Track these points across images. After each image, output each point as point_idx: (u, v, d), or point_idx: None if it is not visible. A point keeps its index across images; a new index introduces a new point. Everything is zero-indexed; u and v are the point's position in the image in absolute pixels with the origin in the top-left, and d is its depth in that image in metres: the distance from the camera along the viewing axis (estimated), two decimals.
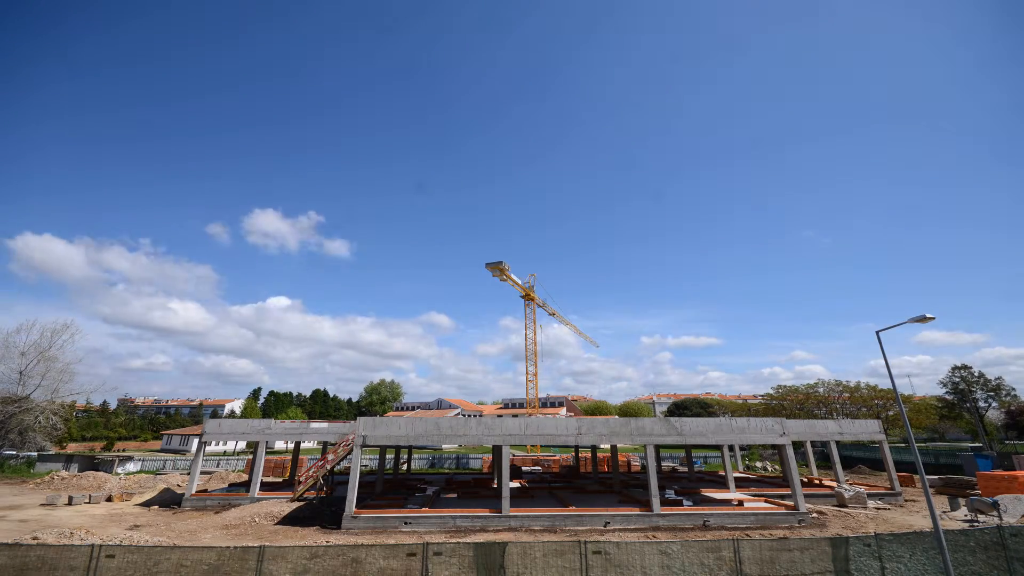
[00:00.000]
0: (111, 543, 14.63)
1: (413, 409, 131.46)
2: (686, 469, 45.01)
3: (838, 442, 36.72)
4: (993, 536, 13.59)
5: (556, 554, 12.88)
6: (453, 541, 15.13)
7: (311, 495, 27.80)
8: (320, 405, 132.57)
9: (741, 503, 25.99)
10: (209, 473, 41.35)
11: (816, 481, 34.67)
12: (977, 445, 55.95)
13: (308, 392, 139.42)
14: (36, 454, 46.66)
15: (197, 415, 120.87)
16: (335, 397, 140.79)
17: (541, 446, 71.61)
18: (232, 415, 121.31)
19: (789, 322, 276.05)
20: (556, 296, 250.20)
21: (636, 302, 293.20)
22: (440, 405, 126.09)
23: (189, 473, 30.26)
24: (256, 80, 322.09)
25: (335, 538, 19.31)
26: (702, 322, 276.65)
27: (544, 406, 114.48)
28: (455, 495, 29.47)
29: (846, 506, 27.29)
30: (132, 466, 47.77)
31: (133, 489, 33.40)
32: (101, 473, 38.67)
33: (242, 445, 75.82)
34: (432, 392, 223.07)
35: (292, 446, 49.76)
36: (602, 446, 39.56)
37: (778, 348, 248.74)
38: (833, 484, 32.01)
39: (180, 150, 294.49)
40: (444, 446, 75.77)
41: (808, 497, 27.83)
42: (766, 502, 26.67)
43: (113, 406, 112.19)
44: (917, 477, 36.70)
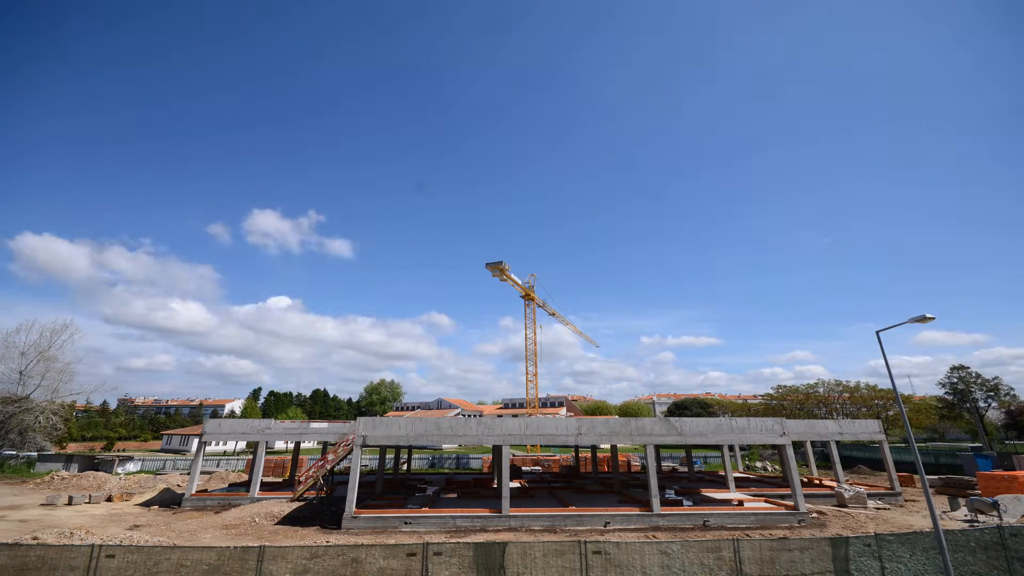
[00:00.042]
0: (111, 543, 14.63)
1: (413, 409, 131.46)
2: (686, 469, 45.02)
3: (838, 442, 36.72)
4: (993, 536, 13.60)
5: (556, 554, 12.88)
6: (453, 541, 15.14)
7: (311, 495, 27.81)
8: (320, 405, 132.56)
9: (741, 503, 25.99)
10: (209, 473, 41.35)
11: (816, 481, 34.68)
12: (977, 445, 55.97)
13: (308, 392, 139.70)
14: (36, 454, 46.68)
15: (197, 415, 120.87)
16: (335, 397, 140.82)
17: (541, 446, 71.63)
18: (232, 415, 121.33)
19: (789, 322, 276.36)
20: (556, 296, 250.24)
21: (636, 302, 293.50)
22: (440, 405, 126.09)
23: (189, 473, 30.27)
24: (256, 80, 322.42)
25: (335, 538, 19.31)
26: (702, 322, 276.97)
27: (544, 406, 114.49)
28: (455, 495, 29.47)
29: (846, 506, 27.29)
30: (132, 466, 47.79)
31: (133, 489, 33.41)
32: (101, 473, 38.67)
33: (242, 445, 75.83)
34: (432, 392, 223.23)
35: (292, 446, 49.77)
36: (602, 446, 39.57)
37: (778, 348, 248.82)
38: (833, 484, 32.01)
39: (180, 150, 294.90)
40: (444, 446, 75.78)
41: (808, 497, 27.83)
42: (766, 502, 26.67)
43: (113, 406, 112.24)
44: (917, 477, 36.70)
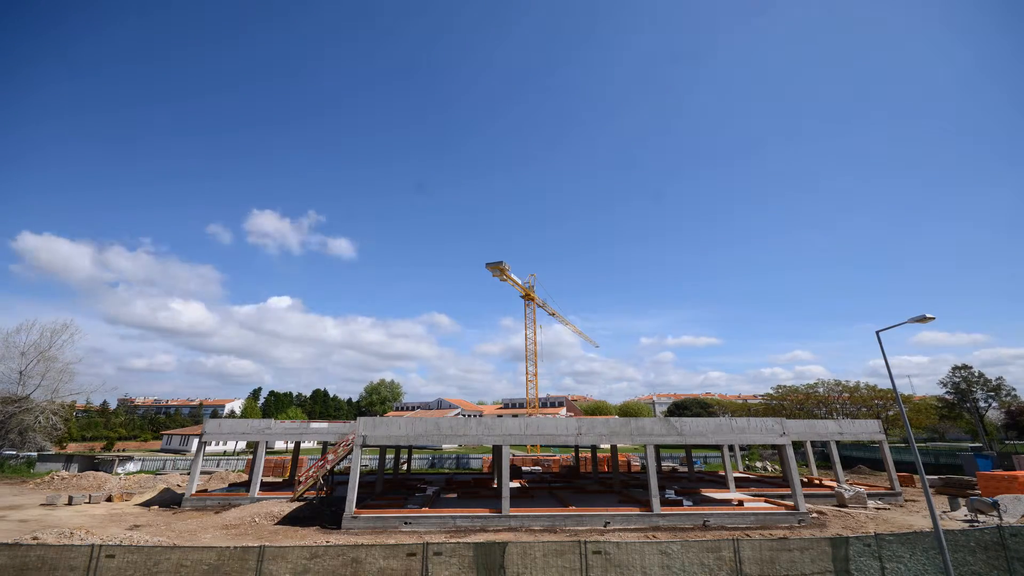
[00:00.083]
0: (111, 543, 14.63)
1: (413, 409, 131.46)
2: (686, 469, 45.01)
3: (838, 442, 36.72)
4: (993, 536, 13.60)
5: (556, 554, 12.88)
6: (453, 541, 15.13)
7: (311, 495, 27.81)
8: (320, 405, 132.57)
9: (741, 503, 25.99)
10: (209, 473, 41.35)
11: (816, 481, 34.67)
12: (977, 445, 55.95)
13: (308, 392, 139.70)
14: (36, 454, 46.68)
15: (197, 415, 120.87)
16: (335, 397, 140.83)
17: (541, 446, 71.62)
18: (232, 415, 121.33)
19: (789, 322, 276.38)
20: (556, 296, 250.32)
21: (636, 302, 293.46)
22: (440, 405, 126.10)
23: (189, 473, 30.27)
24: (256, 80, 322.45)
25: (335, 538, 19.31)
26: (702, 322, 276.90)
27: (544, 406, 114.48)
28: (455, 495, 29.47)
29: (846, 506, 27.29)
30: (132, 466, 47.79)
31: (133, 489, 33.41)
32: (101, 473, 38.67)
33: (242, 445, 75.83)
34: (432, 392, 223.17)
35: (292, 446, 49.76)
36: (602, 446, 39.57)
37: (778, 348, 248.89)
38: (833, 484, 32.01)
39: (180, 150, 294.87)
40: (444, 446, 75.78)
41: (808, 497, 27.82)
42: (766, 502, 26.67)
43: (113, 406, 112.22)
44: (917, 477, 36.70)
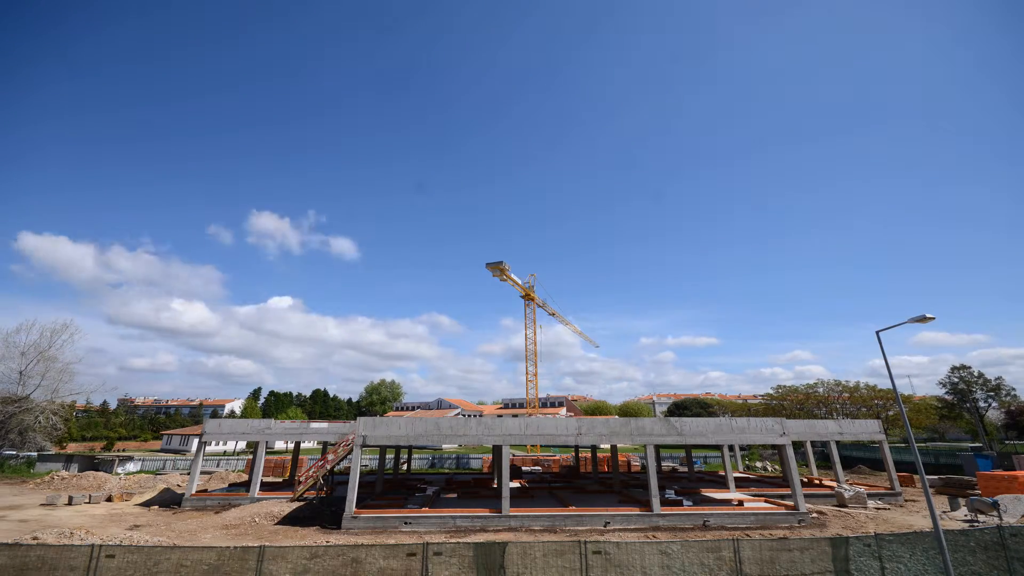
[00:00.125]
0: (111, 543, 14.63)
1: (413, 409, 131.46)
2: (686, 469, 45.01)
3: (838, 442, 36.73)
4: (993, 536, 13.59)
5: (556, 554, 12.88)
6: (453, 541, 15.13)
7: (311, 495, 27.80)
8: (320, 405, 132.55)
9: (741, 503, 25.99)
10: (209, 473, 41.35)
11: (816, 481, 34.67)
12: (977, 445, 55.94)
13: (309, 392, 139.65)
14: (36, 454, 46.67)
15: (197, 415, 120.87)
16: (335, 397, 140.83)
17: (541, 446, 71.62)
18: (232, 415, 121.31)
19: (789, 322, 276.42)
20: (556, 296, 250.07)
21: (636, 302, 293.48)
22: (440, 405, 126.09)
23: (189, 473, 30.26)
24: (256, 80, 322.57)
25: (335, 538, 19.31)
26: (702, 322, 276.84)
27: (544, 406, 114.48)
28: (455, 495, 29.47)
29: (846, 506, 27.29)
30: (132, 466, 47.78)
31: (133, 489, 33.41)
32: (101, 473, 38.67)
33: (242, 445, 75.82)
34: (432, 392, 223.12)
35: (292, 446, 49.76)
36: (602, 446, 39.57)
37: (778, 348, 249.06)
38: (833, 484, 32.00)
39: (180, 150, 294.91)
40: (444, 446, 75.78)
41: (808, 497, 27.82)
42: (766, 502, 26.67)
43: (113, 406, 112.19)
44: (917, 477, 36.70)
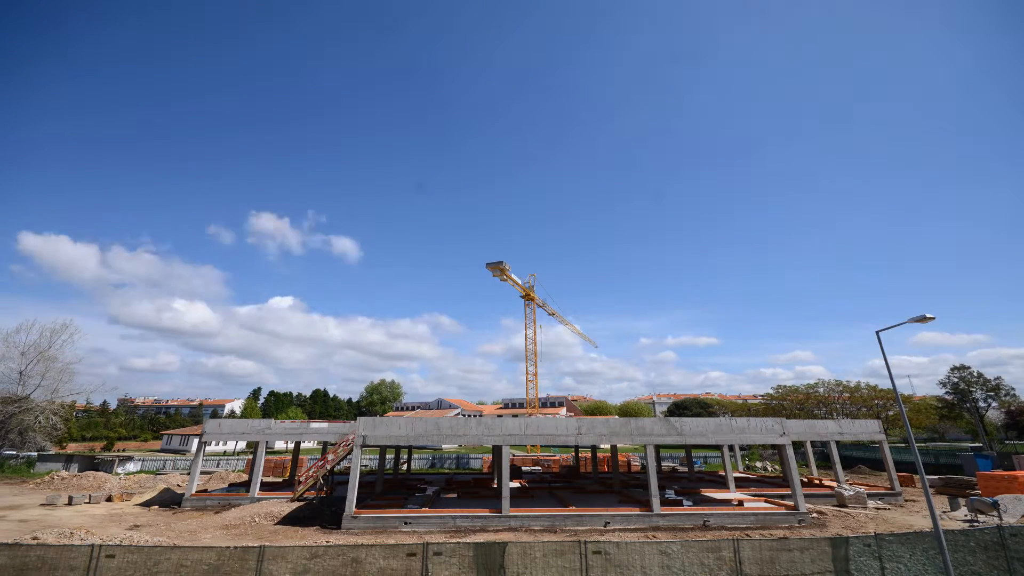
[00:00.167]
0: (111, 543, 14.62)
1: (413, 409, 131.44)
2: (686, 469, 45.01)
3: (838, 442, 36.71)
4: (993, 536, 13.59)
5: (556, 554, 12.88)
6: (453, 541, 15.13)
7: (311, 495, 27.80)
8: (320, 405, 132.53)
9: (741, 503, 25.99)
10: (209, 473, 41.34)
11: (816, 481, 34.67)
12: (977, 445, 55.93)
13: (309, 392, 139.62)
14: (36, 454, 46.67)
15: (197, 415, 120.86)
16: (335, 397, 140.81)
17: (541, 446, 71.62)
18: (232, 415, 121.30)
19: (789, 322, 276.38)
20: (556, 296, 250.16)
21: (636, 302, 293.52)
22: (440, 405, 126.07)
23: (189, 473, 30.26)
24: (256, 80, 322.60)
25: (335, 538, 19.31)
26: (702, 322, 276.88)
27: (544, 406, 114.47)
28: (455, 495, 29.47)
29: (846, 506, 27.28)
30: (132, 466, 47.78)
31: (133, 489, 33.40)
32: (101, 473, 38.66)
33: (242, 445, 75.81)
34: (432, 392, 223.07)
35: (292, 446, 49.75)
36: (602, 446, 39.56)
37: (778, 348, 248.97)
38: (833, 484, 32.00)
39: (180, 150, 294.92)
40: (444, 446, 75.78)
41: (808, 497, 27.82)
42: (766, 502, 26.67)
43: (113, 406, 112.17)
44: (917, 477, 36.69)
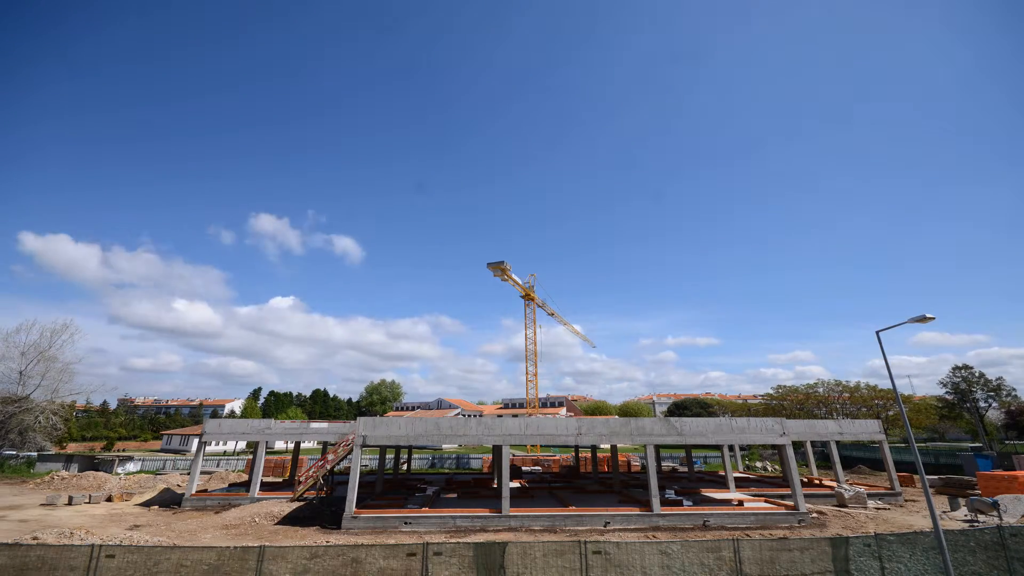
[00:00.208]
0: (111, 543, 14.62)
1: (413, 409, 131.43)
2: (686, 469, 45.00)
3: (838, 442, 36.70)
4: (993, 536, 13.59)
5: (556, 554, 12.88)
6: (453, 541, 15.13)
7: (311, 495, 27.80)
8: (320, 405, 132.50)
9: (741, 503, 25.99)
10: (209, 473, 41.34)
11: (816, 481, 34.66)
12: (977, 445, 55.92)
13: (310, 392, 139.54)
14: (36, 454, 46.66)
15: (197, 415, 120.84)
16: (335, 397, 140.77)
17: (541, 446, 71.61)
18: (232, 415, 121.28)
19: (789, 322, 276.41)
20: (556, 296, 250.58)
21: (636, 302, 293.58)
22: (440, 405, 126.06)
23: (189, 473, 30.26)
24: (256, 80, 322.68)
25: (335, 538, 19.31)
26: (702, 322, 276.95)
27: (544, 406, 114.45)
28: (455, 495, 29.46)
29: (846, 506, 27.28)
30: (132, 466, 47.77)
31: (133, 489, 33.40)
32: (101, 473, 38.66)
33: (242, 445, 75.81)
34: (433, 392, 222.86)
35: (292, 446, 49.75)
36: (602, 446, 39.56)
37: (778, 348, 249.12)
38: (833, 484, 32.00)
39: (180, 150, 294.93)
40: (444, 446, 75.77)
41: (808, 497, 27.82)
42: (766, 502, 26.66)
43: (113, 406, 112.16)
44: (917, 477, 36.69)
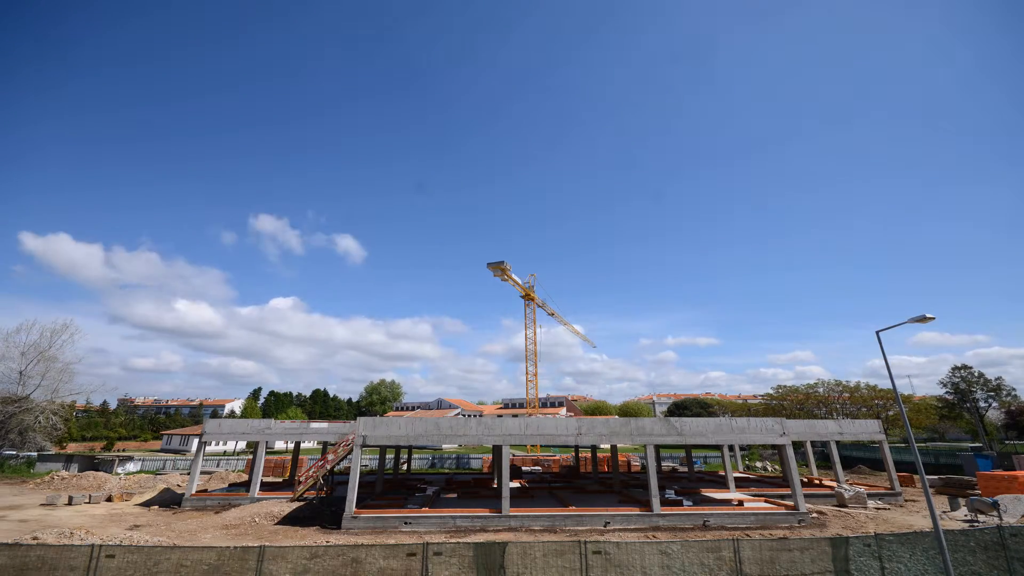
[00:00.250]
0: (111, 543, 14.62)
1: (413, 409, 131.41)
2: (686, 469, 45.00)
3: (838, 442, 36.71)
4: (993, 536, 13.59)
5: (556, 554, 12.87)
6: (453, 541, 15.13)
7: (311, 495, 27.80)
8: (320, 405, 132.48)
9: (741, 503, 25.99)
10: (209, 473, 41.34)
11: (816, 481, 34.66)
12: (977, 445, 55.91)
13: (310, 392, 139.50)
14: (36, 454, 46.66)
15: (197, 415, 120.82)
16: (335, 397, 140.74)
17: (541, 446, 71.61)
18: (232, 415, 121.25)
19: (789, 322, 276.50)
20: (556, 296, 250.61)
21: (636, 302, 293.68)
22: (440, 405, 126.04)
23: (189, 473, 30.26)
24: (256, 80, 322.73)
25: (335, 538, 19.31)
26: (702, 322, 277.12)
27: (544, 406, 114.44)
28: (455, 495, 29.46)
29: (846, 506, 27.28)
30: (132, 466, 47.77)
31: (133, 489, 33.40)
32: (101, 473, 38.66)
33: (242, 445, 75.80)
34: (433, 392, 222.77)
35: (292, 446, 49.76)
36: (602, 446, 39.56)
37: (778, 348, 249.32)
38: (833, 484, 31.99)
39: (180, 150, 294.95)
40: (444, 446, 75.77)
41: (808, 497, 27.82)
42: (766, 502, 26.66)
43: (113, 406, 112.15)
44: (917, 477, 36.69)
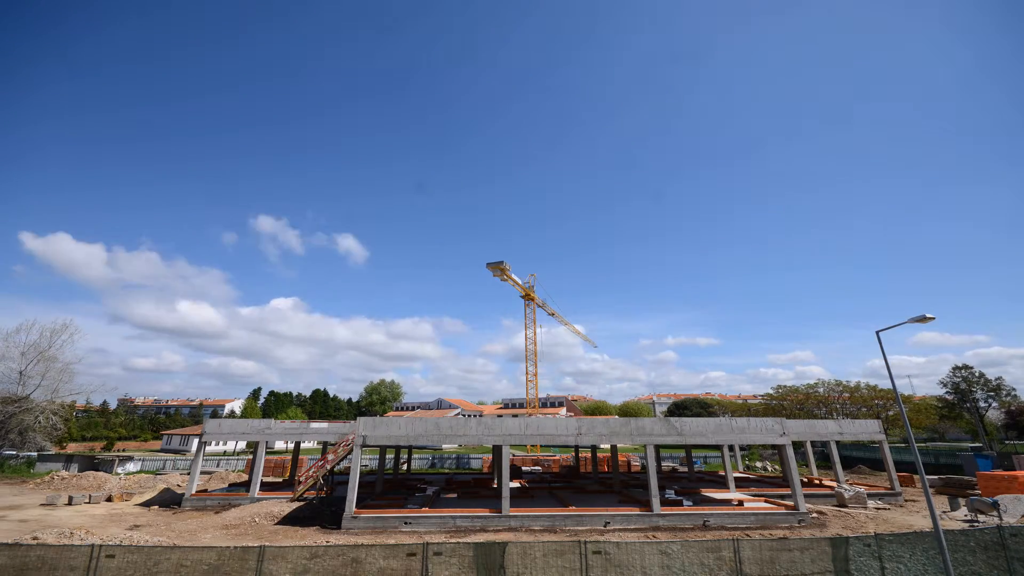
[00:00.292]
0: (111, 543, 14.62)
1: (413, 409, 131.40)
2: (686, 469, 45.00)
3: (838, 442, 36.71)
4: (993, 536, 13.59)
5: (556, 554, 12.88)
6: (453, 541, 15.13)
7: (311, 495, 27.80)
8: (320, 405, 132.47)
9: (741, 503, 25.99)
10: (209, 473, 41.34)
11: (816, 481, 34.66)
12: (977, 445, 55.92)
13: (310, 392, 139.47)
14: (36, 454, 46.66)
15: (197, 415, 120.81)
16: (335, 397, 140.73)
17: (541, 446, 71.61)
18: (232, 415, 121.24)
19: (789, 322, 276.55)
20: (556, 296, 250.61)
21: (636, 302, 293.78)
22: (440, 405, 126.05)
23: (189, 473, 30.26)
24: (256, 80, 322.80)
25: (335, 538, 19.31)
26: (702, 322, 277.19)
27: (544, 406, 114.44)
28: (455, 495, 29.46)
29: (846, 506, 27.28)
30: (132, 466, 47.77)
31: (133, 489, 33.40)
32: (101, 473, 38.66)
33: (242, 445, 75.81)
34: (433, 392, 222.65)
35: (292, 446, 49.76)
36: (602, 446, 39.56)
37: (778, 348, 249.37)
38: (833, 484, 31.99)
39: (180, 150, 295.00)
40: (444, 446, 75.77)
41: (808, 497, 27.82)
42: (766, 502, 26.66)
43: (113, 406, 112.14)
44: (917, 477, 36.69)
